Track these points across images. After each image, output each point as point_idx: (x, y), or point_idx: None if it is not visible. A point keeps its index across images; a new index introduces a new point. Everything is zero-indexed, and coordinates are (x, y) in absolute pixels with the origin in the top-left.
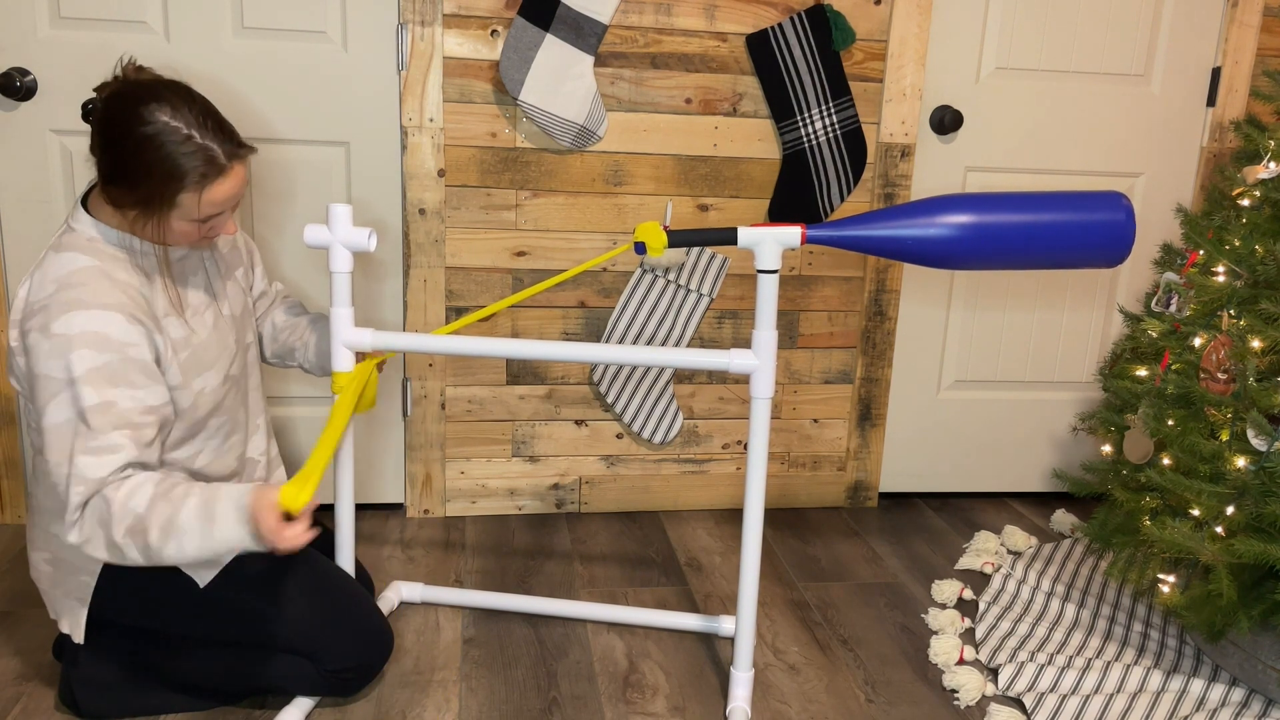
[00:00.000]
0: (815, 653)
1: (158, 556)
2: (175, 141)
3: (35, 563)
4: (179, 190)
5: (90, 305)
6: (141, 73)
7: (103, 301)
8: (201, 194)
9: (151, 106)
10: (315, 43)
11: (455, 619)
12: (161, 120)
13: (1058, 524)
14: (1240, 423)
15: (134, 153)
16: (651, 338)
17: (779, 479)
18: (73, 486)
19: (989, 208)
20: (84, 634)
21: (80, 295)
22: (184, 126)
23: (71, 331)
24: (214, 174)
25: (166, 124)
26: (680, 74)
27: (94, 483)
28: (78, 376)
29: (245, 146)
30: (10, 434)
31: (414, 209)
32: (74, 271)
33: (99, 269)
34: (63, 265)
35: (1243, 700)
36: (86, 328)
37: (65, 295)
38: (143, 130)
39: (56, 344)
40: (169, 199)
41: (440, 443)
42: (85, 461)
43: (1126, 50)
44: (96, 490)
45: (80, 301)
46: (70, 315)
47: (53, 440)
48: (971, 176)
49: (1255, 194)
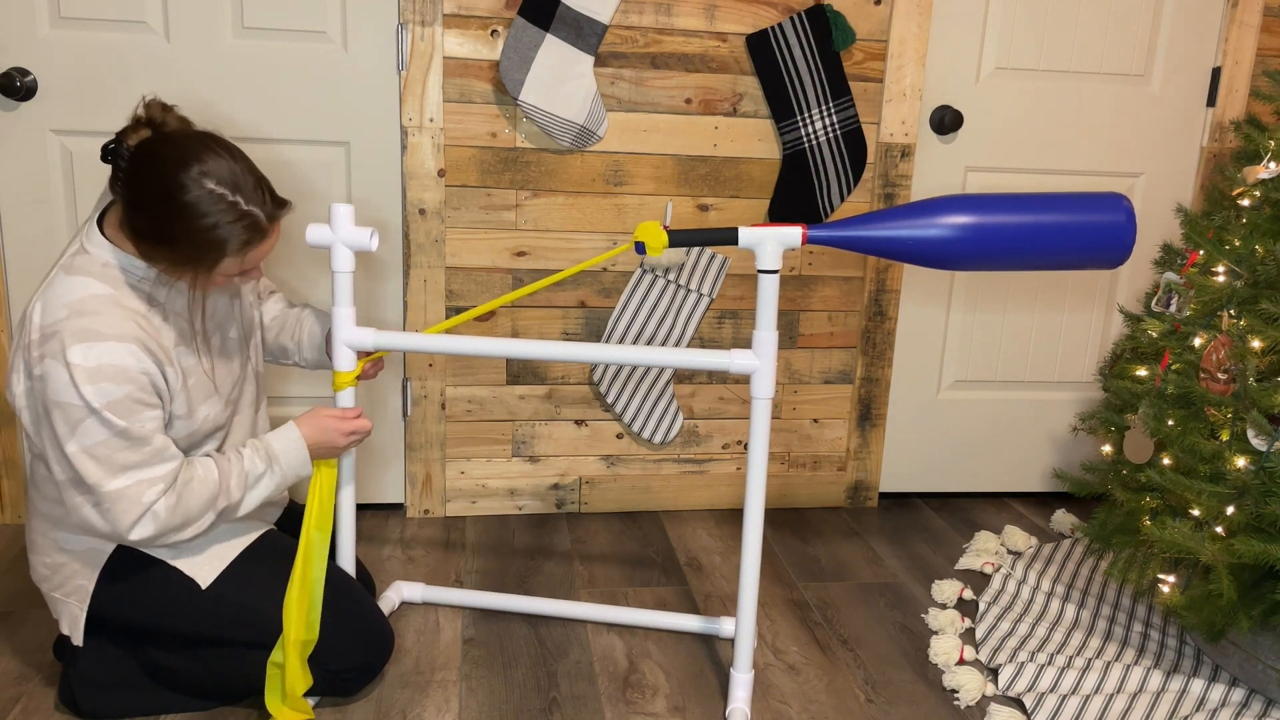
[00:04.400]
0: (815, 653)
1: (234, 512)
2: (220, 211)
3: (35, 565)
4: (221, 258)
5: (106, 337)
6: (168, 114)
7: (117, 332)
8: (244, 257)
9: (193, 171)
10: (315, 43)
11: (455, 619)
12: (206, 189)
13: (1058, 524)
14: (1240, 423)
15: (175, 218)
16: (651, 338)
17: (779, 479)
18: (141, 493)
19: (989, 208)
20: (83, 636)
21: (94, 325)
22: (228, 193)
23: (89, 364)
24: (257, 239)
25: (210, 192)
26: (680, 74)
27: (167, 477)
28: (99, 407)
29: (284, 204)
30: (10, 434)
31: (414, 209)
32: (86, 299)
33: (112, 297)
34: (74, 290)
35: (1243, 700)
36: (104, 360)
37: (79, 323)
38: (184, 199)
39: (76, 374)
40: (209, 265)
41: (440, 443)
42: (150, 468)
43: (1126, 50)
44: (170, 485)
45: (95, 333)
46: (87, 347)
47: (94, 459)
48: (971, 176)
49: (1255, 194)
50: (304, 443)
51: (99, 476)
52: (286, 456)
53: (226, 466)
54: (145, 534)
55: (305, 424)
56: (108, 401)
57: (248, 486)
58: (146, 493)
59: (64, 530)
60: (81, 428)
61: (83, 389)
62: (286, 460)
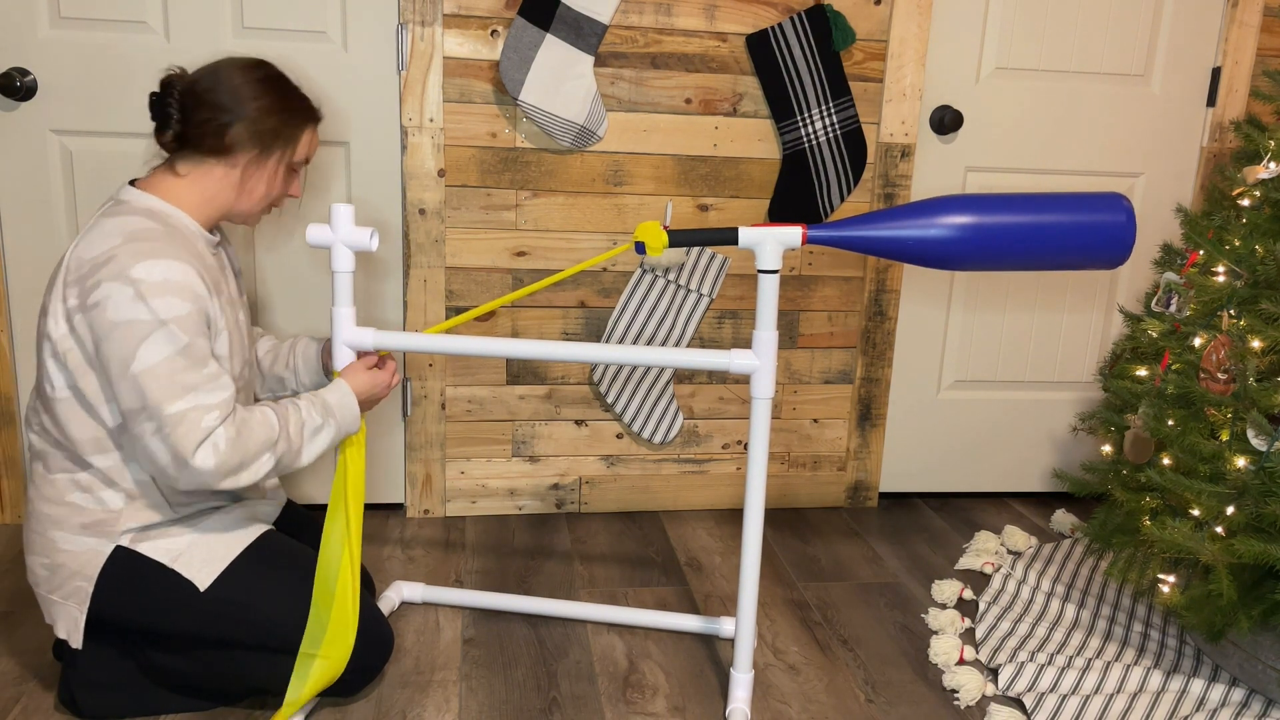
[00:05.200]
0: (815, 653)
1: (294, 460)
2: (291, 85)
3: (32, 567)
4: (303, 125)
5: (166, 255)
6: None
7: (176, 254)
8: (314, 132)
9: (256, 62)
10: (315, 43)
11: (455, 619)
12: (274, 69)
13: (1058, 524)
14: (1240, 423)
15: (262, 95)
16: (651, 338)
17: (779, 479)
18: (201, 418)
19: (989, 209)
20: (82, 637)
21: (154, 246)
22: (288, 76)
23: (154, 278)
24: (316, 117)
25: (280, 72)
26: (680, 74)
27: (223, 405)
28: (168, 319)
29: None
30: (10, 434)
31: (414, 209)
32: (138, 229)
33: (163, 229)
34: (123, 224)
35: (1243, 700)
36: (169, 276)
37: (136, 245)
38: (267, 74)
39: (139, 289)
40: (294, 133)
41: (440, 443)
42: (208, 391)
43: (1126, 50)
44: (228, 415)
45: (156, 251)
46: (150, 263)
47: (156, 378)
48: (971, 176)
49: (1255, 194)
50: (355, 396)
51: (160, 397)
52: (342, 411)
53: (284, 413)
54: (207, 464)
55: (351, 378)
56: (174, 315)
57: (307, 435)
58: (205, 418)
59: (63, 530)
60: (146, 345)
61: (151, 301)
62: (341, 414)
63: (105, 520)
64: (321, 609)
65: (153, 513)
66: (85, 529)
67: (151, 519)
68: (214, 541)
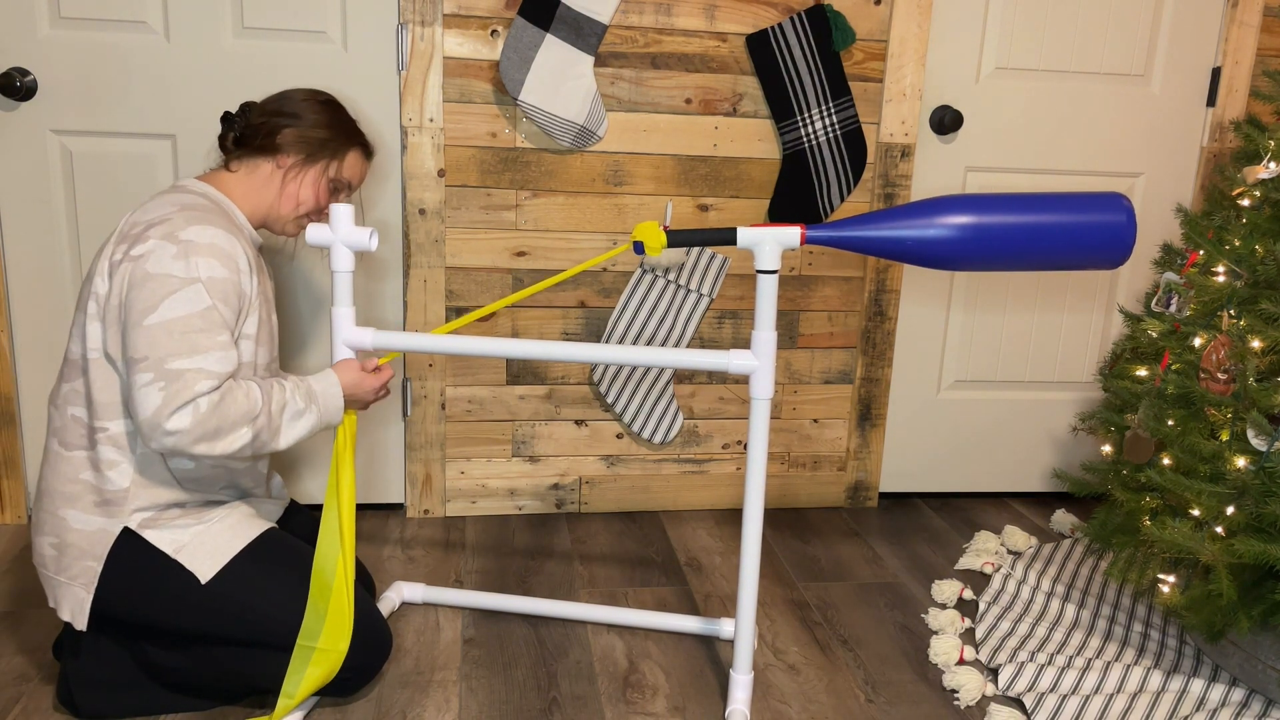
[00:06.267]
0: (815, 653)
1: (272, 439)
2: (347, 113)
3: (39, 547)
4: (350, 145)
5: (217, 225)
6: None
7: (225, 226)
8: (361, 159)
9: (323, 92)
10: (315, 43)
11: (455, 619)
12: (335, 99)
13: (1058, 524)
14: (1240, 423)
15: (319, 112)
16: (651, 338)
17: (779, 479)
18: (197, 381)
19: (989, 209)
20: (87, 623)
21: (205, 216)
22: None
23: (203, 240)
24: (368, 148)
25: (339, 102)
26: (680, 74)
27: (223, 377)
28: (203, 279)
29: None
30: (10, 434)
31: (414, 209)
32: (194, 203)
33: (216, 208)
34: (180, 198)
35: (1243, 700)
36: (215, 241)
37: (190, 213)
38: (329, 99)
39: (184, 248)
40: (342, 150)
41: (440, 443)
42: (215, 357)
43: (1126, 50)
44: (220, 384)
45: (207, 220)
46: (199, 228)
47: (170, 333)
48: (971, 176)
49: (1255, 194)
50: (341, 389)
51: (167, 350)
52: (325, 400)
53: (268, 390)
54: (183, 424)
55: (341, 371)
56: (209, 276)
57: (287, 417)
58: (200, 383)
59: (74, 509)
60: (170, 299)
61: (191, 259)
62: (325, 403)
63: (114, 499)
64: (318, 601)
65: (161, 491)
66: (96, 507)
67: (159, 499)
68: (218, 536)
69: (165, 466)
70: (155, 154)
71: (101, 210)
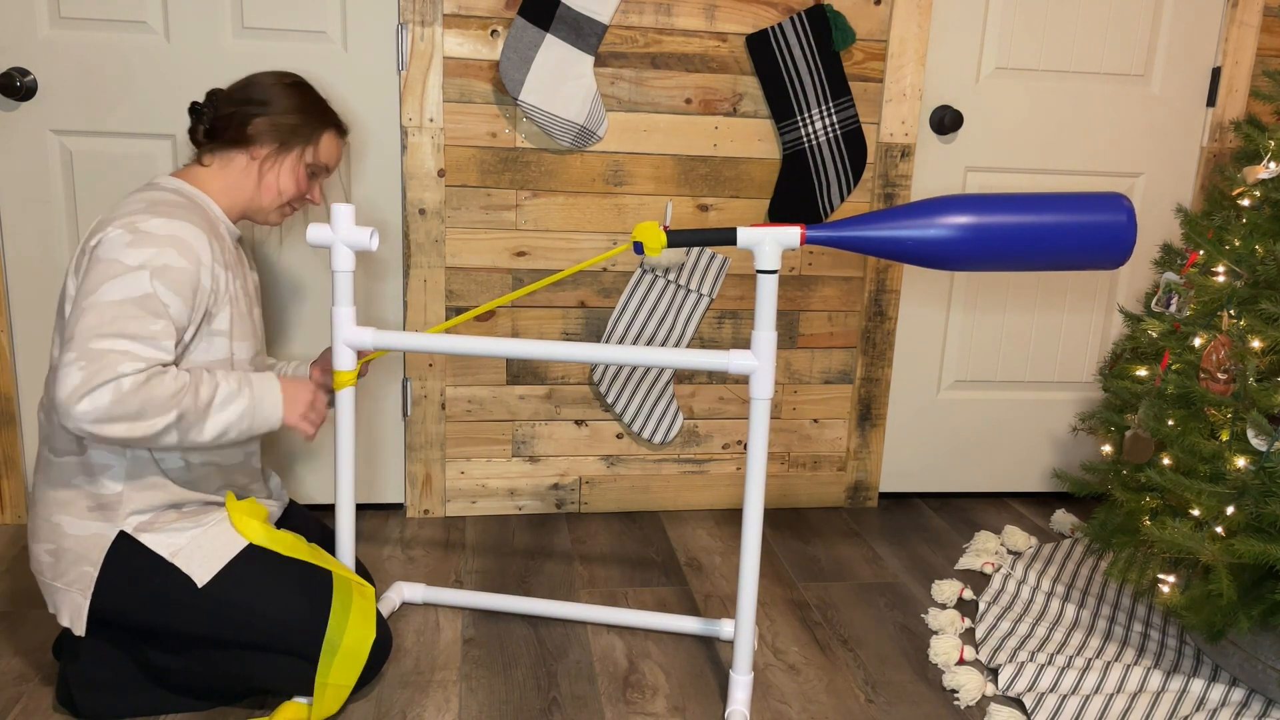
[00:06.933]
0: (815, 653)
1: (197, 421)
2: (318, 94)
3: (36, 554)
4: (324, 128)
5: (180, 218)
6: None
7: (191, 219)
8: (335, 140)
9: (290, 74)
10: (315, 43)
11: (455, 619)
12: (304, 80)
13: (1058, 524)
14: (1240, 423)
15: (288, 96)
16: (651, 338)
17: (779, 479)
18: (119, 362)
19: (989, 209)
20: (85, 628)
21: (172, 211)
22: (316, 87)
23: (161, 231)
24: (341, 128)
25: (308, 82)
26: (680, 74)
27: (150, 362)
28: (151, 267)
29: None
30: (10, 434)
31: (414, 209)
32: (162, 200)
33: (187, 202)
34: (150, 195)
35: (1243, 700)
36: (175, 233)
37: (156, 208)
38: (296, 81)
39: (139, 237)
40: (316, 133)
41: (440, 443)
42: (142, 344)
43: (1126, 50)
44: (144, 369)
45: (172, 214)
46: (163, 220)
47: (100, 314)
48: (971, 176)
49: (1255, 194)
50: (280, 389)
51: (92, 330)
52: (259, 390)
53: (199, 374)
54: (99, 404)
55: (288, 380)
56: (161, 265)
57: (216, 399)
58: (123, 364)
59: (69, 514)
60: (110, 283)
61: (143, 248)
62: (258, 393)
63: (109, 503)
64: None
65: (155, 493)
66: (91, 512)
67: (154, 501)
68: (215, 539)
69: (158, 468)
70: (155, 154)
71: (101, 210)
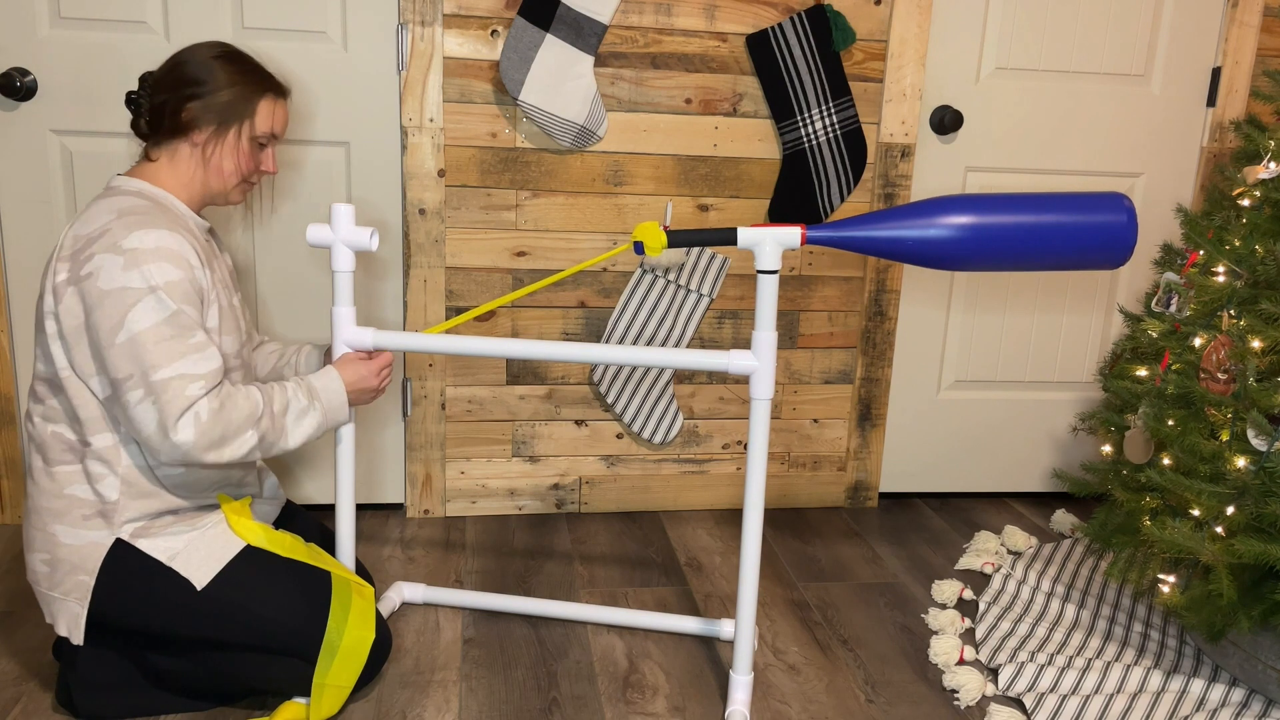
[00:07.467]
0: (815, 653)
1: (279, 440)
2: (248, 60)
3: (32, 564)
4: (259, 97)
5: (159, 226)
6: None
7: (168, 225)
8: (274, 105)
9: (217, 45)
10: (315, 43)
11: (455, 619)
12: (232, 48)
13: (1058, 524)
14: (1240, 423)
15: (216, 72)
16: (651, 338)
17: (779, 479)
18: (185, 386)
19: (989, 209)
20: (83, 634)
21: (145, 219)
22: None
23: (146, 246)
24: (278, 90)
25: (237, 50)
26: (680, 74)
27: (210, 376)
28: (160, 285)
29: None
30: (10, 434)
31: (414, 209)
32: (131, 206)
33: (154, 206)
34: (116, 203)
35: (1243, 700)
36: (161, 244)
37: (129, 219)
38: (223, 52)
39: (131, 258)
40: (251, 105)
41: (440, 443)
42: (194, 360)
43: (1126, 50)
44: (213, 387)
45: (148, 223)
46: (142, 232)
47: (144, 345)
48: (971, 176)
49: (1255, 194)
50: (344, 385)
51: (148, 363)
52: (328, 396)
53: (269, 391)
54: (188, 436)
55: (342, 368)
56: (165, 281)
57: (290, 416)
58: (190, 387)
59: (64, 524)
60: (134, 312)
61: (143, 268)
62: (327, 399)
63: (105, 512)
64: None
65: (151, 500)
66: (86, 520)
67: (149, 509)
68: (212, 541)
69: (153, 474)
70: None
71: None
